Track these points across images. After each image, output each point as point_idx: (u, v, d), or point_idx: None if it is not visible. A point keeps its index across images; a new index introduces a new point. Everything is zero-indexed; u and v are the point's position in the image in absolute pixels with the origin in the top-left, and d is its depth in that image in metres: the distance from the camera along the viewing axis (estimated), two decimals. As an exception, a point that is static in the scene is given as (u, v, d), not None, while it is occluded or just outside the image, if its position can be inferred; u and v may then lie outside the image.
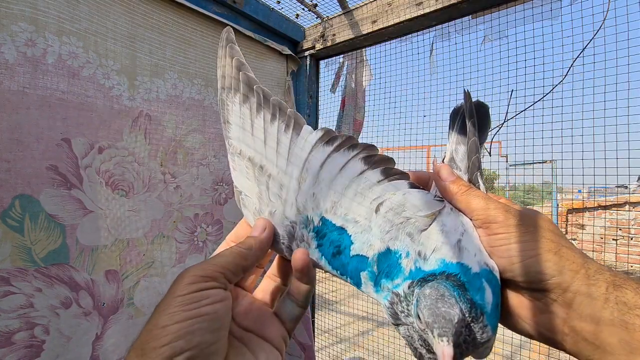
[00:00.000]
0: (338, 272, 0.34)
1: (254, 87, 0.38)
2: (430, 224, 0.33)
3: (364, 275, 0.33)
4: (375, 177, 0.35)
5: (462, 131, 0.41)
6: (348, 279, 0.34)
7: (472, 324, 0.28)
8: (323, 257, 0.34)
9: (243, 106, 0.38)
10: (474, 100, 0.42)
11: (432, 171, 0.39)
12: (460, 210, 0.34)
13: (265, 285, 0.38)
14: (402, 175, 0.36)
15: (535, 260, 0.29)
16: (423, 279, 0.30)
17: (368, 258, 0.32)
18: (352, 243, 0.33)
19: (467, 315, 0.27)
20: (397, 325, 0.31)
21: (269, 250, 0.36)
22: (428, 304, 0.27)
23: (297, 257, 0.33)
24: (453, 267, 0.30)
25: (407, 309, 0.29)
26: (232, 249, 0.32)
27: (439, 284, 0.28)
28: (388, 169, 0.36)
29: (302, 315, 0.36)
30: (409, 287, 0.30)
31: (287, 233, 0.35)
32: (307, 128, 0.37)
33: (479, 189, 0.36)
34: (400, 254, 0.32)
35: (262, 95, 0.37)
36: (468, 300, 0.28)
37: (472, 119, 0.39)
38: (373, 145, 0.36)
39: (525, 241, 0.30)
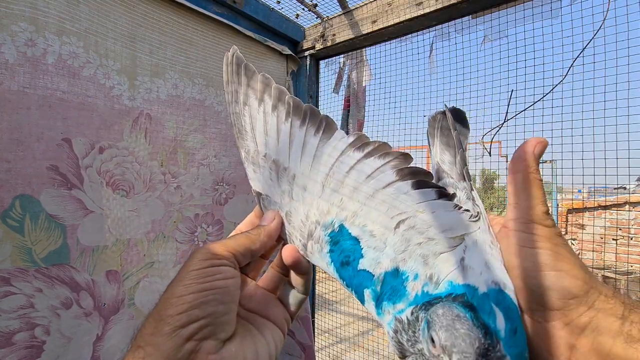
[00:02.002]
0: (344, 282, 0.33)
1: (285, 97, 0.38)
2: (456, 247, 0.30)
3: (367, 292, 0.31)
4: (404, 189, 0.33)
5: (444, 140, 0.41)
6: (352, 292, 0.33)
7: (488, 354, 0.24)
8: (332, 263, 0.34)
9: (271, 115, 0.38)
10: (450, 107, 0.42)
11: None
12: (518, 191, 0.30)
13: (269, 275, 0.40)
14: (434, 187, 0.33)
15: (562, 275, 0.27)
16: (428, 302, 0.27)
17: (374, 276, 0.31)
18: (362, 257, 0.32)
19: (484, 341, 0.24)
20: (404, 357, 0.28)
21: (276, 242, 0.38)
22: (444, 324, 0.24)
23: (286, 253, 0.35)
24: (459, 288, 0.28)
25: (414, 337, 0.27)
26: (243, 234, 0.35)
27: (450, 304, 0.26)
28: (421, 182, 0.33)
29: (304, 300, 0.38)
30: (412, 313, 0.28)
31: (307, 231, 0.35)
32: (339, 132, 0.37)
33: (475, 198, 0.34)
34: (408, 276, 0.30)
35: (292, 105, 0.38)
36: (482, 325, 0.25)
37: (455, 130, 0.38)
38: (407, 154, 0.34)
39: (553, 252, 0.27)
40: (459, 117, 0.43)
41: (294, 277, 0.37)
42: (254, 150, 0.38)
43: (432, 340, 0.25)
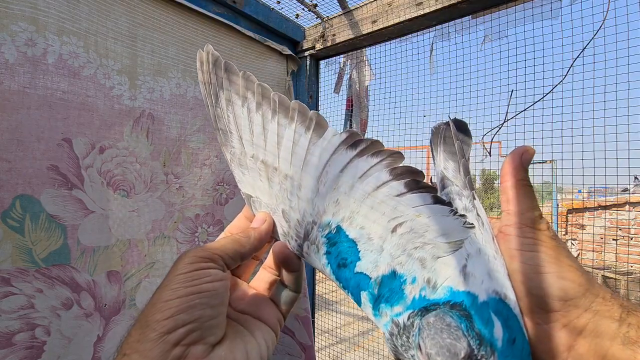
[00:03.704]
0: (341, 284, 0.33)
1: (270, 95, 0.37)
2: (453, 252, 0.30)
3: (364, 295, 0.31)
4: (398, 189, 0.33)
5: (448, 149, 0.41)
6: (349, 294, 0.33)
7: None
8: (329, 265, 0.33)
9: (255, 113, 0.37)
10: (452, 118, 0.42)
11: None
12: (510, 198, 0.31)
13: (261, 275, 0.39)
14: (428, 188, 0.33)
15: (559, 277, 0.27)
16: (425, 308, 0.27)
17: (371, 279, 0.31)
18: (359, 259, 0.32)
19: (476, 351, 0.24)
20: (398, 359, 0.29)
21: (267, 243, 0.37)
22: (431, 333, 0.25)
23: (276, 250, 0.35)
24: (459, 295, 0.27)
25: (408, 342, 0.27)
26: (232, 237, 0.34)
27: (444, 313, 0.26)
28: (413, 182, 0.33)
29: (296, 299, 0.38)
30: (409, 318, 0.28)
31: (303, 231, 0.34)
32: (330, 130, 0.36)
33: (478, 208, 0.34)
34: (405, 279, 0.30)
35: (277, 102, 0.37)
36: (477, 335, 0.25)
37: (458, 140, 0.39)
38: (399, 153, 0.34)
39: (552, 253, 0.28)
40: (461, 128, 0.43)
41: (286, 276, 0.37)
42: (241, 151, 0.37)
43: (420, 348, 0.25)
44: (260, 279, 0.39)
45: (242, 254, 0.34)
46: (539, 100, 1.09)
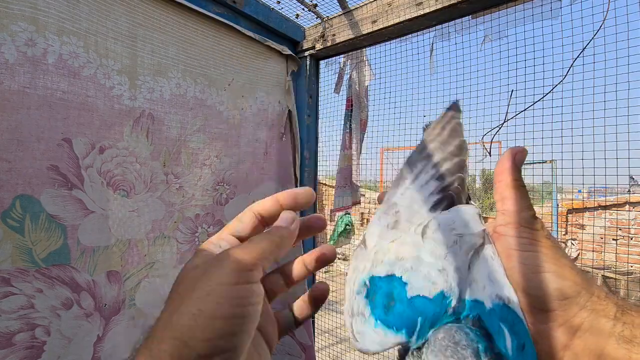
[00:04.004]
0: (392, 328, 0.26)
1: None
2: (483, 246, 0.28)
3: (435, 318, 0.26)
4: (417, 197, 0.32)
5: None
6: (402, 333, 0.26)
7: None
8: (378, 320, 0.27)
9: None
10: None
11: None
12: (504, 199, 0.31)
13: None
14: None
15: (554, 276, 0.27)
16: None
17: (437, 296, 0.26)
18: (406, 284, 0.27)
19: None
20: None
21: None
22: (435, 350, 0.23)
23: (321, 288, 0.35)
24: (470, 305, 0.26)
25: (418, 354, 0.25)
26: (268, 237, 0.30)
27: (458, 329, 0.24)
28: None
29: (292, 329, 0.36)
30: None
31: (349, 309, 0.30)
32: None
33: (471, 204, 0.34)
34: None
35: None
36: (495, 356, 0.24)
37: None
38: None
39: (547, 253, 0.28)
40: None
41: (299, 311, 0.36)
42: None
43: None
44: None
45: (276, 257, 0.30)
46: (539, 100, 1.09)
